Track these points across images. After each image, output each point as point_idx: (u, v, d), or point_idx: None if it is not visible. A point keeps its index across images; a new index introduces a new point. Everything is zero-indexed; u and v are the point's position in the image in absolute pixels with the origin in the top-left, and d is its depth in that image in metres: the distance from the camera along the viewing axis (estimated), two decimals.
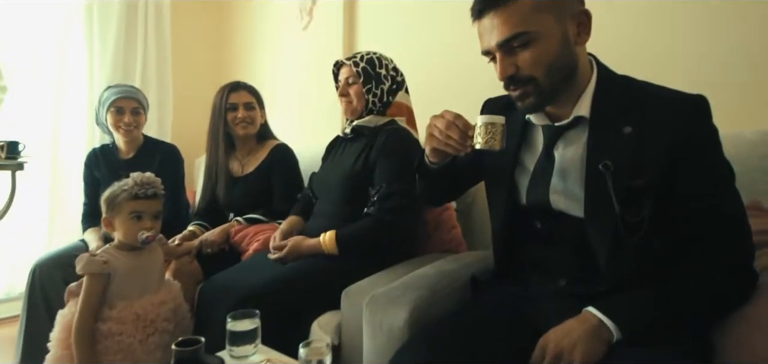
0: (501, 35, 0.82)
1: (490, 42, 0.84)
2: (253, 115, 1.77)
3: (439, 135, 0.89)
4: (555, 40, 0.82)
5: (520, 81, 0.85)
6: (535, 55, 0.82)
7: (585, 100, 0.87)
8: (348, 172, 1.39)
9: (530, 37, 0.81)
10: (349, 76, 1.44)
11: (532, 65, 0.82)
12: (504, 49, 0.83)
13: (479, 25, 0.86)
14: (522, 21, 0.81)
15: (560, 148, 0.91)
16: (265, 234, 1.55)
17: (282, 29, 2.60)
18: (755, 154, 1.11)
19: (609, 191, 0.81)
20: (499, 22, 0.82)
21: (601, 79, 0.88)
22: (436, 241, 1.50)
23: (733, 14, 1.32)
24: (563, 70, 0.84)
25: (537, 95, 0.85)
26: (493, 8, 0.82)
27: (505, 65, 0.84)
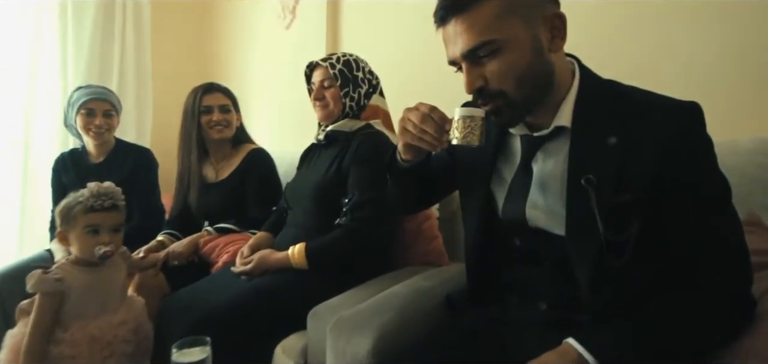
0: (465, 44, 0.74)
1: (455, 52, 0.76)
2: (228, 118, 1.68)
3: (413, 129, 0.81)
4: (525, 48, 0.73)
5: (490, 95, 0.76)
6: (504, 65, 0.73)
7: (566, 108, 0.79)
8: (320, 181, 1.31)
9: (497, 46, 0.73)
10: (325, 79, 1.35)
11: (501, 77, 0.74)
12: (470, 60, 0.75)
13: (443, 33, 0.78)
14: (487, 28, 0.72)
15: (540, 160, 0.82)
16: (236, 245, 1.46)
17: (264, 28, 2.52)
18: (752, 164, 1.02)
19: (592, 207, 0.73)
20: (463, 30, 0.74)
21: (583, 86, 0.79)
22: (415, 252, 1.42)
23: (729, 14, 1.24)
24: (536, 80, 0.75)
25: (510, 110, 0.77)
26: (456, 14, 0.74)
27: (471, 77, 0.76)
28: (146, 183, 1.89)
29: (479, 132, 0.77)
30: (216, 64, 2.86)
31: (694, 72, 1.28)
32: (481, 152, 0.90)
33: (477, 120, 0.77)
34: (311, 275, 1.20)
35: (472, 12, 0.73)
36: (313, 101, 1.39)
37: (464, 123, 0.77)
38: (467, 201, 0.96)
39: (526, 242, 0.87)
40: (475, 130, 0.77)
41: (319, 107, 1.37)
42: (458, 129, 0.78)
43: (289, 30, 2.38)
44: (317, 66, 1.39)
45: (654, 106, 0.75)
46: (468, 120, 0.77)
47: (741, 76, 1.22)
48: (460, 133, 0.77)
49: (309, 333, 1.06)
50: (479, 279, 0.94)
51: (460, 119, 0.78)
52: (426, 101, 0.82)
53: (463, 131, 0.77)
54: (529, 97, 0.76)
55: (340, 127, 1.36)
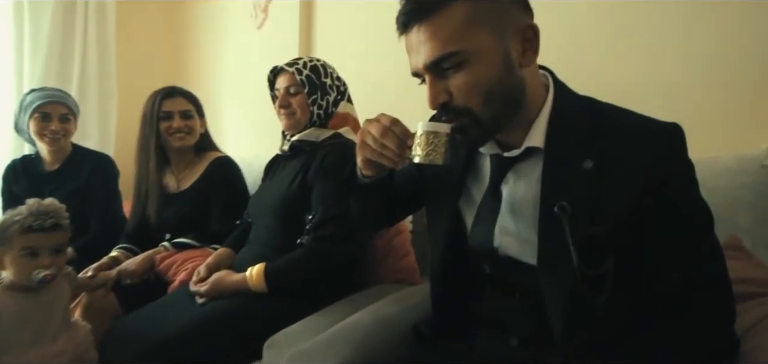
0: (429, 55, 0.67)
1: (417, 62, 0.69)
2: (190, 124, 1.58)
3: (373, 143, 0.73)
4: (494, 61, 0.67)
5: (455, 111, 0.69)
6: (471, 79, 0.66)
7: (538, 127, 0.72)
8: (282, 196, 1.22)
9: (463, 58, 0.66)
10: (291, 85, 1.26)
11: (468, 92, 0.67)
12: (433, 72, 0.68)
13: (406, 41, 0.71)
14: (453, 37, 0.65)
15: (511, 181, 0.75)
16: (195, 262, 1.36)
17: (235, 28, 2.42)
18: (734, 184, 0.97)
19: (566, 237, 0.66)
20: (427, 38, 0.67)
21: (557, 103, 0.72)
22: (385, 269, 1.34)
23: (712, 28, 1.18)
24: (506, 97, 0.68)
25: (477, 129, 0.69)
26: (419, 21, 0.67)
27: (435, 91, 0.68)
28: (105, 192, 1.79)
29: (444, 150, 0.69)
30: (185, 65, 2.75)
31: (676, 86, 1.23)
32: (450, 169, 0.83)
33: (442, 136, 0.69)
34: (271, 299, 1.11)
35: (436, 19, 0.66)
36: (277, 109, 1.30)
37: (427, 139, 0.69)
38: (434, 220, 0.89)
39: (497, 270, 0.80)
40: (439, 147, 0.69)
41: (285, 115, 1.28)
42: (421, 146, 0.70)
43: (261, 30, 2.28)
44: (282, 71, 1.29)
45: (633, 128, 0.68)
46: (432, 136, 0.69)
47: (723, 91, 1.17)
48: (423, 151, 0.70)
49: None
50: (445, 308, 0.86)
51: (423, 135, 0.70)
52: (403, 105, 0.74)
53: (426, 148, 0.69)
54: (497, 116, 0.69)
55: (306, 136, 1.27)
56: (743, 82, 1.14)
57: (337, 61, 1.96)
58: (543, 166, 0.71)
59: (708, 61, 1.19)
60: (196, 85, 2.66)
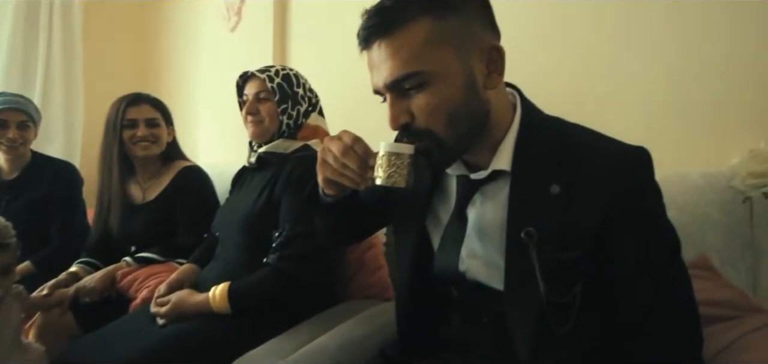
0: (389, 74, 0.65)
1: (378, 80, 0.67)
2: (156, 133, 1.52)
3: (334, 162, 0.70)
4: (457, 82, 0.65)
5: (416, 133, 0.67)
6: (433, 100, 0.64)
7: (505, 149, 0.70)
8: (249, 211, 1.17)
9: (425, 78, 0.64)
10: (261, 91, 1.21)
11: (430, 114, 0.65)
12: (394, 91, 0.66)
13: (368, 56, 0.68)
14: (415, 56, 0.63)
15: (478, 204, 0.73)
16: (159, 278, 1.31)
17: (208, 30, 2.35)
18: (702, 201, 0.96)
19: (533, 264, 0.65)
20: (388, 55, 0.64)
21: (524, 124, 0.71)
22: (357, 285, 1.30)
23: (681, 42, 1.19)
24: (470, 120, 0.66)
25: (440, 152, 0.67)
26: (380, 36, 0.65)
27: (396, 111, 0.66)
28: (68, 202, 1.71)
29: (407, 171, 0.67)
30: (156, 68, 2.67)
31: (644, 99, 1.23)
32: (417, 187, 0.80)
33: (405, 158, 0.66)
34: (235, 320, 1.07)
35: (398, 35, 0.64)
36: (244, 116, 1.25)
37: (389, 161, 0.66)
38: (400, 240, 0.86)
39: (464, 294, 0.78)
40: (401, 169, 0.66)
41: (252, 123, 1.23)
42: (382, 167, 0.67)
43: (234, 32, 2.22)
44: (252, 77, 1.24)
45: (600, 152, 0.67)
46: (394, 158, 0.66)
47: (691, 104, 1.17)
48: (384, 173, 0.67)
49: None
50: (411, 331, 0.84)
51: (385, 156, 0.67)
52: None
53: (388, 170, 0.66)
54: (461, 138, 0.67)
55: (274, 148, 1.22)
56: (710, 95, 1.15)
57: (313, 65, 1.93)
58: (510, 190, 0.69)
59: (675, 75, 1.19)
60: (168, 88, 2.60)
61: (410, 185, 0.68)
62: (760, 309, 0.78)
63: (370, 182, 0.69)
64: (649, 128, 1.22)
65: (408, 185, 0.67)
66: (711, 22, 1.14)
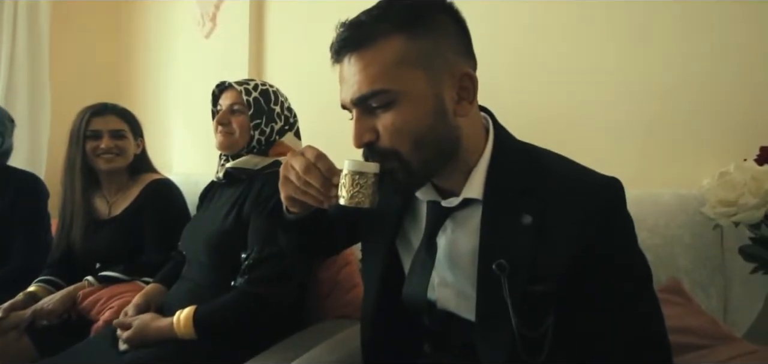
0: (357, 89, 0.63)
1: (345, 95, 0.65)
2: (121, 145, 1.46)
3: (296, 180, 0.68)
4: (425, 106, 0.63)
5: (381, 153, 0.65)
6: (398, 121, 0.63)
7: (476, 177, 0.68)
8: (216, 230, 1.13)
9: (391, 98, 0.62)
10: (236, 103, 1.17)
11: (395, 134, 0.63)
12: (360, 108, 0.64)
13: (340, 70, 0.67)
14: (383, 74, 0.62)
15: (449, 231, 0.72)
16: (123, 299, 1.25)
17: (182, 36, 2.28)
18: (675, 223, 0.96)
19: (505, 296, 0.63)
20: (357, 70, 0.63)
21: (497, 152, 0.69)
22: (331, 304, 1.27)
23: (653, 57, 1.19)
24: (436, 146, 0.65)
25: (405, 174, 0.65)
26: (351, 50, 0.64)
27: (361, 128, 0.64)
28: (31, 216, 1.62)
29: (371, 191, 0.64)
30: (128, 72, 2.59)
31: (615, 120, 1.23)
32: (387, 207, 0.77)
33: (369, 177, 0.64)
34: (200, 346, 1.02)
35: (368, 52, 0.62)
36: (214, 125, 1.20)
37: (352, 180, 0.64)
38: (368, 261, 0.84)
39: (434, 323, 0.76)
40: (365, 189, 0.64)
41: (221, 133, 1.18)
42: (346, 186, 0.64)
43: (209, 39, 2.16)
44: (229, 88, 1.20)
45: (572, 182, 0.65)
46: (358, 177, 0.64)
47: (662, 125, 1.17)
48: (348, 193, 0.64)
49: None
50: (376, 358, 0.81)
51: (349, 175, 0.64)
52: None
53: (351, 190, 0.64)
54: (427, 164, 0.65)
55: (242, 164, 1.18)
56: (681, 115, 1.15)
57: (289, 74, 1.89)
58: (481, 219, 0.67)
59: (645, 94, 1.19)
60: (140, 96, 2.52)
61: (375, 205, 0.65)
62: (731, 338, 0.78)
63: (334, 201, 0.67)
64: (619, 148, 1.22)
65: (372, 205, 0.65)
66: (681, 41, 1.14)
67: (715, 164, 1.10)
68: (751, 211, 0.75)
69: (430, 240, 0.72)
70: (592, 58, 1.26)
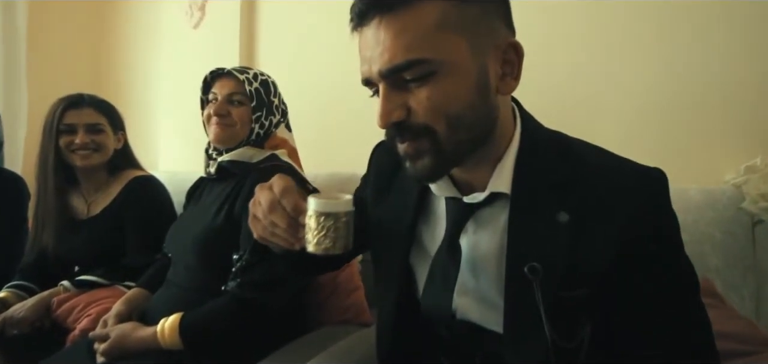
0: (388, 59, 0.53)
1: (372, 67, 0.55)
2: (98, 139, 1.35)
3: (263, 218, 0.59)
4: (467, 80, 0.54)
5: (413, 131, 0.55)
6: (436, 96, 0.53)
7: (505, 168, 0.60)
8: (204, 230, 1.04)
9: (432, 69, 0.53)
10: (236, 93, 1.08)
11: (432, 110, 0.54)
12: (391, 81, 0.55)
13: (360, 37, 0.57)
14: (422, 41, 0.52)
15: (470, 232, 0.63)
16: (101, 306, 1.15)
17: (169, 27, 2.17)
18: (703, 220, 0.90)
19: (537, 303, 0.55)
20: (389, 37, 0.53)
21: (525, 140, 0.61)
22: (331, 308, 1.18)
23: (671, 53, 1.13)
24: (474, 127, 0.56)
25: (434, 156, 0.56)
26: (381, 11, 0.53)
27: (389, 105, 0.54)
28: (11, 219, 1.49)
29: (343, 233, 0.56)
30: (111, 68, 2.47)
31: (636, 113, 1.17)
32: (399, 212, 0.69)
33: (339, 218, 0.55)
34: (187, 357, 0.93)
35: (404, 14, 0.53)
36: (208, 116, 1.10)
37: (318, 223, 0.55)
38: (381, 273, 0.75)
39: (455, 335, 0.68)
40: (334, 231, 0.55)
41: (218, 126, 1.08)
42: (312, 230, 0.55)
43: (197, 29, 2.06)
44: (228, 75, 1.10)
45: (613, 175, 0.57)
46: (323, 218, 0.55)
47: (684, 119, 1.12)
48: (314, 237, 0.55)
49: None
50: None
51: (314, 216, 0.55)
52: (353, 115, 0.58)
53: (318, 234, 0.55)
54: (460, 146, 0.56)
55: (238, 156, 1.09)
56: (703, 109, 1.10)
57: (283, 66, 1.80)
58: (509, 216, 0.59)
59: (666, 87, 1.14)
60: (124, 89, 2.40)
61: (348, 249, 0.57)
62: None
63: (302, 244, 0.57)
64: (638, 143, 1.17)
65: (345, 249, 0.56)
66: (701, 38, 1.10)
67: (737, 159, 1.05)
68: None
69: (453, 242, 0.63)
70: (612, 49, 1.21)
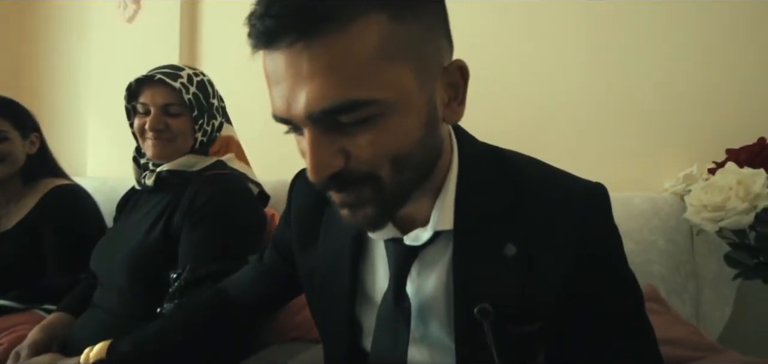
0: (319, 100, 0.40)
1: (293, 106, 0.42)
2: (3, 149, 1.19)
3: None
4: (417, 115, 0.44)
5: (353, 180, 0.45)
6: (383, 139, 0.43)
7: (446, 203, 0.53)
8: (138, 245, 0.94)
9: (376, 110, 0.41)
10: (173, 104, 0.98)
11: (375, 155, 0.43)
12: (322, 125, 0.42)
13: (266, 58, 0.43)
14: (362, 76, 0.40)
15: (415, 275, 0.56)
16: (15, 333, 1.01)
17: (99, 21, 2.00)
18: (647, 228, 0.93)
19: (489, 345, 0.50)
20: (317, 71, 0.40)
21: (465, 165, 0.54)
22: (279, 327, 1.11)
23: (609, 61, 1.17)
24: (422, 165, 0.48)
25: (378, 205, 0.46)
26: (303, 35, 0.39)
27: (324, 155, 0.42)
28: None
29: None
30: (32, 65, 2.23)
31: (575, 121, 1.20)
32: (334, 259, 0.61)
33: None
34: None
35: (334, 40, 0.39)
36: (141, 129, 0.99)
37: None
38: (323, 324, 0.66)
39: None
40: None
41: (156, 142, 0.98)
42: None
43: (132, 23, 1.90)
44: (159, 83, 0.97)
45: (555, 194, 0.53)
46: None
47: (621, 126, 1.15)
48: None
49: None
50: None
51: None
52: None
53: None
54: (405, 187, 0.47)
55: (180, 165, 1.00)
56: (640, 117, 1.14)
57: (227, 65, 1.68)
58: (453, 255, 0.53)
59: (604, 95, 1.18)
60: (47, 88, 2.18)
61: None
62: (716, 348, 0.74)
63: None
64: (580, 151, 1.19)
65: None
66: (642, 42, 1.13)
67: (675, 167, 1.10)
68: (739, 216, 0.72)
69: (400, 292, 0.56)
70: (552, 62, 1.23)
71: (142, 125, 0.99)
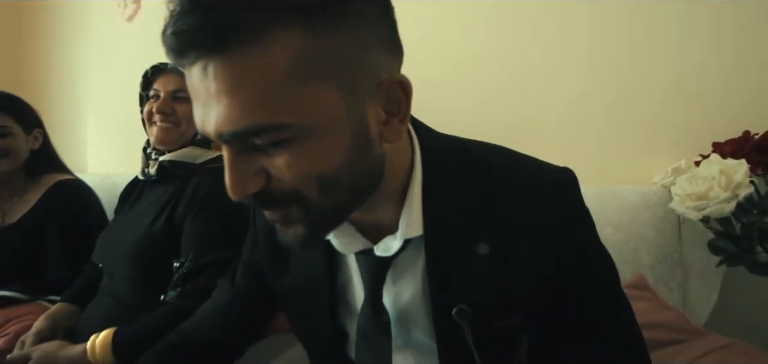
0: (226, 121, 0.38)
1: (207, 122, 0.39)
2: (6, 144, 1.21)
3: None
4: (342, 138, 0.41)
5: (276, 199, 0.42)
6: (301, 162, 0.40)
7: (413, 209, 0.51)
8: (141, 237, 0.96)
9: (290, 134, 0.39)
10: (180, 90, 1.02)
11: (296, 177, 0.41)
12: (236, 146, 0.40)
13: (185, 70, 0.41)
14: (271, 98, 0.37)
15: (390, 283, 0.56)
16: (21, 323, 1.04)
17: (99, 21, 2.02)
18: (637, 220, 0.96)
19: (469, 344, 0.51)
20: (222, 91, 0.37)
21: (429, 165, 0.52)
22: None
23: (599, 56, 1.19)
24: (356, 185, 0.45)
25: (308, 225, 0.44)
26: (206, 53, 0.37)
27: (240, 176, 0.40)
28: None
29: None
30: (33, 62, 2.25)
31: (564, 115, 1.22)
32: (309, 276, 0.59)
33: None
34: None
35: (240, 57, 0.36)
36: (149, 114, 1.03)
37: None
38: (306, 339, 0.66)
39: None
40: None
41: (161, 125, 1.01)
42: None
43: (132, 23, 1.92)
44: (171, 70, 1.03)
45: (525, 187, 0.53)
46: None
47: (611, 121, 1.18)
48: None
49: None
50: None
51: None
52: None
53: None
54: (339, 207, 0.45)
55: (181, 157, 1.03)
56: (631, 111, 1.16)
57: None
58: (426, 260, 0.52)
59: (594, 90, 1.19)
60: (48, 86, 2.20)
61: None
62: (700, 332, 0.78)
63: None
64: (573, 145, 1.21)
65: None
66: (633, 38, 1.15)
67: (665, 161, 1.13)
68: (721, 204, 0.75)
69: (377, 305, 0.55)
70: (543, 58, 1.24)
71: (151, 110, 1.02)
